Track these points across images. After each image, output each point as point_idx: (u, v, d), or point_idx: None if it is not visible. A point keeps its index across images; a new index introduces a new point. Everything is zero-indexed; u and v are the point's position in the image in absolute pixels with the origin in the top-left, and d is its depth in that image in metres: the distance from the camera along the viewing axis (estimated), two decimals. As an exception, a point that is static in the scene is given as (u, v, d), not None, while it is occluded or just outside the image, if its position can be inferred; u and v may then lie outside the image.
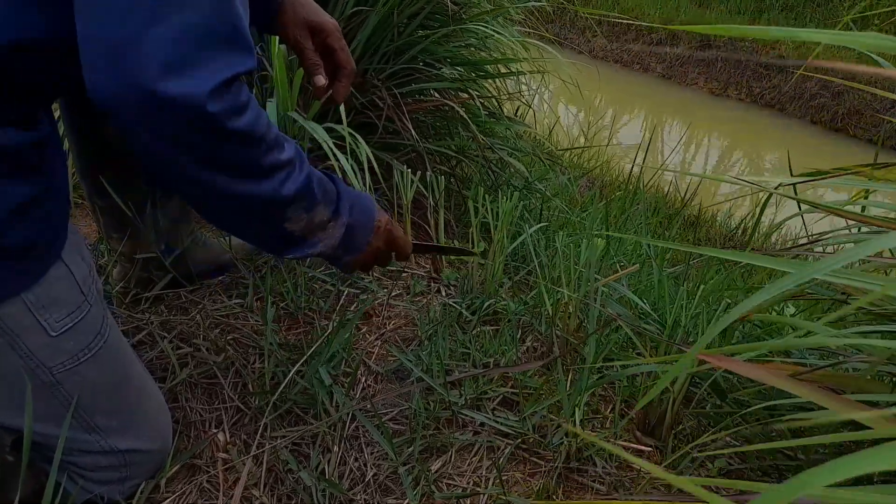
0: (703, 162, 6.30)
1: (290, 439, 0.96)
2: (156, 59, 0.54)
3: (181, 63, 0.55)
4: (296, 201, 0.69)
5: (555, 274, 1.27)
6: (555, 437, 0.97)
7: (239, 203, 0.66)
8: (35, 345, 0.72)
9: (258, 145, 0.63)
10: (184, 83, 0.55)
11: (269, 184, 0.65)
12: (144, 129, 0.58)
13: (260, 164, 0.63)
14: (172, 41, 0.55)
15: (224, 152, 0.61)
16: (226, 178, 0.63)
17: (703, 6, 7.69)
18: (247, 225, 0.71)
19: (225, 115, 0.58)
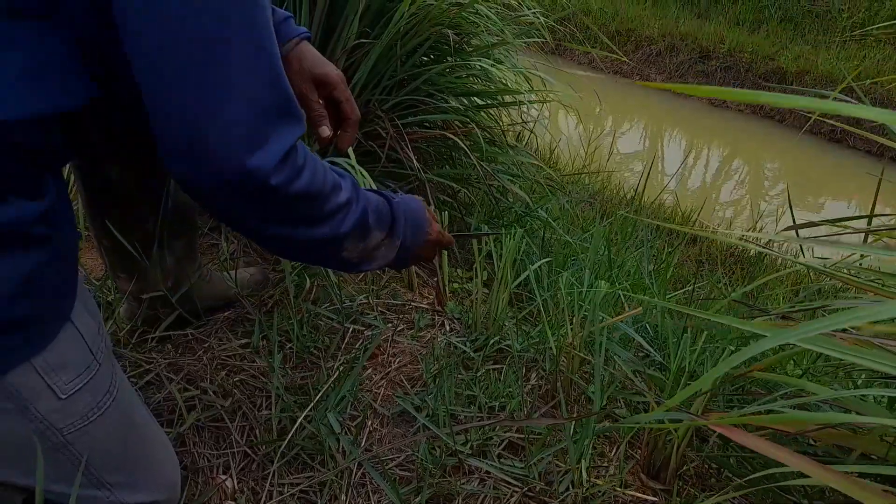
0: (703, 172, 6.31)
1: (299, 487, 0.97)
2: (233, 138, 0.59)
3: (252, 139, 0.60)
4: (351, 235, 0.76)
5: (559, 311, 1.28)
6: (561, 484, 0.98)
7: (305, 245, 0.73)
8: (45, 409, 0.73)
9: (317, 199, 0.69)
10: (254, 160, 0.60)
11: (328, 226, 0.72)
12: (219, 199, 0.64)
13: (320, 213, 0.70)
14: (244, 118, 0.60)
15: (287, 211, 0.67)
16: (289, 228, 0.69)
17: (702, 18, 7.71)
18: (309, 257, 0.82)
19: (286, 184, 0.64)
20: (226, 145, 0.59)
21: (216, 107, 0.59)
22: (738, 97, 0.46)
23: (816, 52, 6.74)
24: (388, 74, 1.77)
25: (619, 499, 0.99)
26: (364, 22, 1.70)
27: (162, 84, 0.60)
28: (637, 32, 7.64)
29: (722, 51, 7.05)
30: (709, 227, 4.02)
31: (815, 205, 5.78)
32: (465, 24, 1.79)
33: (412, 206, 0.90)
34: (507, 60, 1.89)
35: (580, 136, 4.76)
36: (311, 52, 0.97)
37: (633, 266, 2.00)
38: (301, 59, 0.95)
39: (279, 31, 0.94)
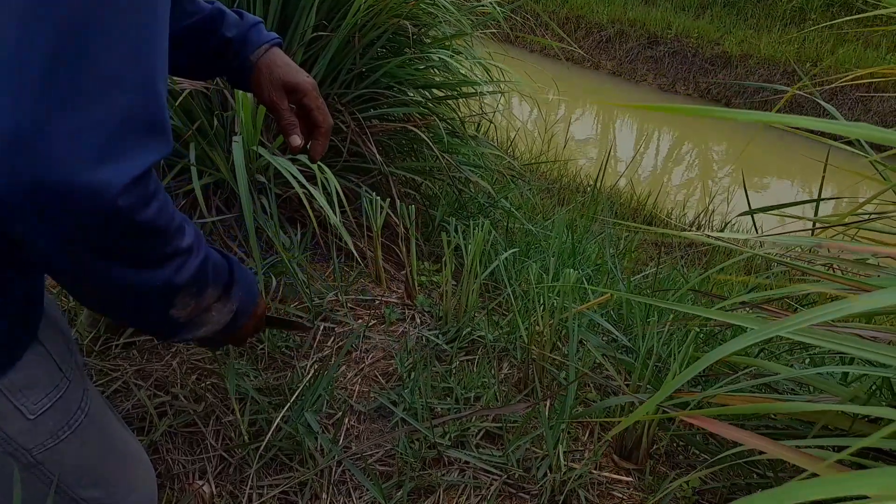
0: (655, 156, 6.46)
1: (279, 488, 0.96)
2: (70, 149, 0.49)
3: (106, 149, 0.51)
4: (186, 287, 0.66)
5: (528, 300, 1.30)
6: (539, 470, 1.00)
7: (130, 292, 0.62)
8: (13, 430, 0.71)
9: (161, 235, 0.59)
10: (104, 172, 0.50)
11: (164, 273, 0.61)
12: (41, 223, 0.52)
13: (158, 253, 0.60)
14: (92, 129, 0.50)
15: (125, 243, 0.57)
16: (120, 267, 0.58)
17: (649, 4, 7.85)
18: (131, 311, 0.67)
19: (134, 209, 0.54)
20: (72, 150, 0.49)
21: (54, 112, 0.49)
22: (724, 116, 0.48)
23: (759, 35, 6.96)
24: (347, 67, 1.75)
25: (595, 480, 1.02)
26: (320, 14, 1.68)
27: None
28: (587, 19, 7.73)
29: (669, 36, 7.21)
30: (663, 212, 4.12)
31: (761, 184, 5.99)
32: (423, 15, 1.79)
33: (246, 271, 0.79)
34: (466, 51, 1.90)
35: (535, 123, 4.81)
36: (282, 59, 0.94)
37: (594, 251, 2.04)
38: (271, 66, 0.92)
39: (249, 38, 0.91)
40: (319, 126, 0.93)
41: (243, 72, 0.90)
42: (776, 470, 1.01)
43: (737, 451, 0.82)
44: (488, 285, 1.63)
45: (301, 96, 0.91)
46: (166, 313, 0.66)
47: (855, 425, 0.84)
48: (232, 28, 0.89)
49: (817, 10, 7.11)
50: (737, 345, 0.56)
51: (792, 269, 0.85)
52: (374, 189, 1.70)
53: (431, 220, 1.87)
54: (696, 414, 0.61)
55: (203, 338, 0.75)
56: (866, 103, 5.83)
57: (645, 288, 1.69)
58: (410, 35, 1.72)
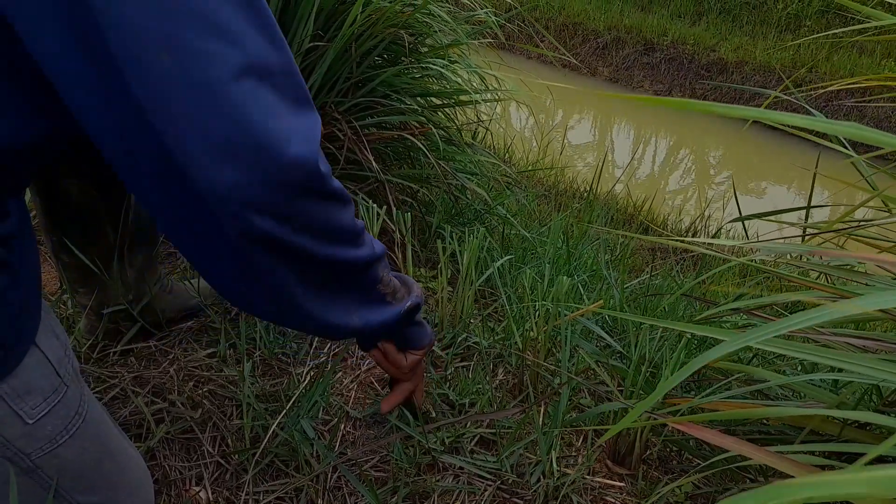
0: (652, 162, 6.49)
1: (275, 494, 0.97)
2: (274, 128, 0.52)
3: (290, 128, 0.53)
4: (384, 259, 0.71)
5: (522, 307, 1.31)
6: (532, 476, 1.01)
7: (346, 271, 0.65)
8: (12, 435, 0.72)
9: (349, 205, 0.63)
10: (297, 147, 0.53)
11: (366, 247, 0.66)
12: (268, 210, 0.54)
13: (354, 227, 0.64)
14: (275, 107, 0.53)
15: (333, 217, 0.60)
16: (342, 247, 0.62)
17: (645, 10, 7.90)
18: (349, 295, 0.69)
19: (328, 175, 0.57)
20: (266, 135, 0.51)
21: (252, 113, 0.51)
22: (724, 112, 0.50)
23: (754, 42, 7.00)
24: (344, 76, 1.77)
25: (589, 486, 1.03)
26: (318, 24, 1.69)
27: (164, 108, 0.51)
28: (583, 26, 7.77)
29: (665, 43, 7.25)
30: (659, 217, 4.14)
31: (757, 190, 6.02)
32: (419, 24, 1.80)
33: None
34: (462, 60, 1.91)
35: (532, 130, 4.83)
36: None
37: (590, 257, 2.06)
38: None
39: None
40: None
41: None
42: (766, 475, 1.02)
43: (728, 457, 0.83)
44: (484, 291, 1.64)
45: None
46: (374, 289, 0.71)
47: (844, 431, 0.85)
48: None
49: (812, 16, 7.15)
50: (713, 354, 0.58)
51: (779, 276, 0.87)
52: (370, 196, 1.71)
53: (428, 227, 1.88)
54: (683, 420, 0.62)
55: (411, 325, 0.83)
56: (861, 110, 5.87)
57: (640, 293, 1.70)
58: (407, 44, 1.74)
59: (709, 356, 0.58)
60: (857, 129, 0.61)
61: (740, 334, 0.54)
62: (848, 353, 0.63)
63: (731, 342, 0.56)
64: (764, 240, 0.81)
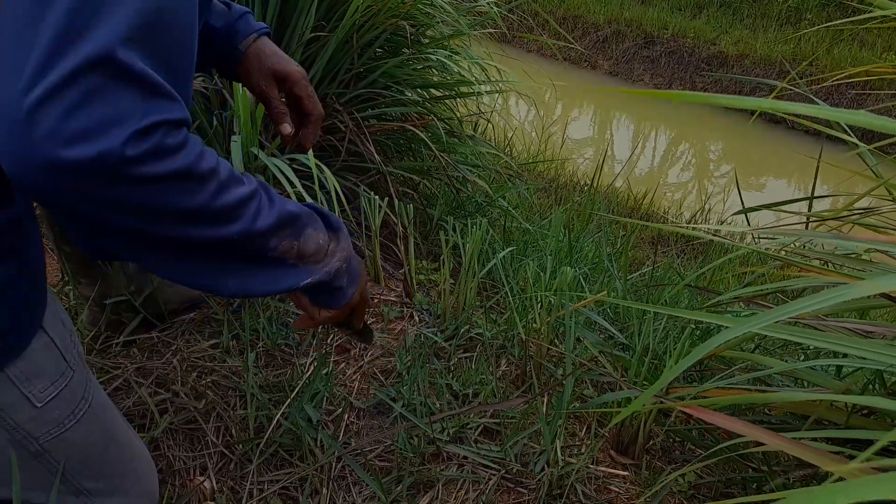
0: (652, 156, 6.48)
1: (279, 484, 0.97)
2: (52, 125, 0.48)
3: (90, 125, 0.49)
4: (277, 231, 0.64)
5: (525, 298, 1.31)
6: (536, 465, 1.01)
7: (218, 251, 0.61)
8: (21, 418, 0.72)
9: (208, 182, 0.57)
10: (95, 143, 0.49)
11: (239, 222, 0.60)
12: (80, 203, 0.51)
13: (216, 204, 0.58)
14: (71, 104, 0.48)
15: (165, 199, 0.54)
16: (193, 226, 0.58)
17: (646, 4, 7.87)
18: (232, 266, 0.64)
19: (149, 158, 0.52)
20: (41, 135, 0.47)
21: (31, 87, 0.47)
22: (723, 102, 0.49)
23: (755, 35, 6.98)
24: (345, 67, 1.76)
25: (592, 475, 1.03)
26: (319, 14, 1.69)
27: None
28: (584, 19, 7.75)
29: (666, 36, 7.23)
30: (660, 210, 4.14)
31: (758, 184, 6.01)
32: (420, 15, 1.80)
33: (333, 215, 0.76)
34: (463, 51, 1.91)
35: (532, 123, 4.83)
36: (270, 48, 0.95)
37: (591, 250, 2.06)
38: (260, 55, 0.93)
39: (237, 28, 0.92)
40: (310, 114, 0.94)
41: (232, 61, 0.91)
42: (770, 464, 1.02)
43: (731, 444, 0.83)
44: (486, 284, 1.64)
45: (291, 85, 0.92)
46: (268, 256, 0.64)
47: (851, 419, 0.85)
48: (220, 18, 0.90)
49: (813, 9, 7.14)
50: (717, 341, 0.57)
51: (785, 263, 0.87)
52: (372, 188, 1.71)
53: (429, 220, 1.88)
54: (692, 404, 0.62)
55: (333, 284, 0.72)
56: (862, 102, 5.86)
57: (641, 286, 1.70)
58: (408, 35, 1.73)
59: (714, 342, 0.58)
60: (866, 116, 0.61)
61: (744, 320, 0.54)
62: (852, 338, 0.63)
63: (735, 327, 0.55)
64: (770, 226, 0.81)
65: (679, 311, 0.69)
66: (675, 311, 0.67)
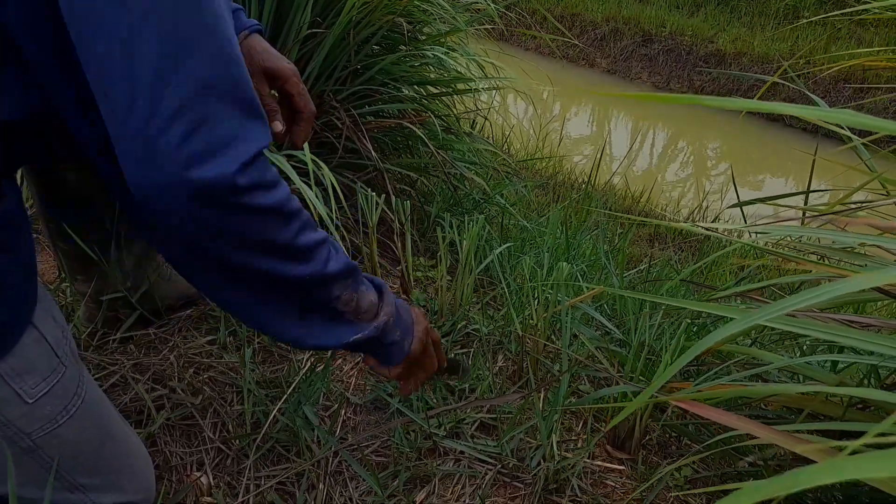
0: (650, 153, 6.48)
1: (276, 479, 0.97)
2: (183, 148, 0.53)
3: (206, 148, 0.54)
4: (342, 279, 0.67)
5: (522, 294, 1.31)
6: (533, 460, 1.01)
7: (288, 288, 0.63)
8: (12, 414, 0.72)
9: (295, 221, 0.61)
10: (211, 166, 0.53)
11: (315, 263, 0.64)
12: (187, 223, 0.55)
13: (298, 243, 0.62)
14: (195, 129, 0.53)
15: (260, 230, 0.58)
16: (268, 260, 0.60)
17: (643, 2, 7.87)
18: (292, 307, 0.67)
19: (254, 189, 0.56)
20: (173, 158, 0.52)
21: (165, 120, 0.52)
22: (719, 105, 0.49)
23: (752, 33, 6.99)
24: (342, 64, 1.76)
25: (588, 469, 1.03)
26: (315, 11, 1.68)
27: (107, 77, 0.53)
28: (582, 17, 7.75)
29: (664, 34, 7.23)
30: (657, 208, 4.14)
31: (756, 182, 6.02)
32: (417, 12, 1.80)
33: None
34: (460, 48, 1.91)
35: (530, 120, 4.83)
36: (261, 45, 0.95)
37: (588, 247, 2.06)
38: (251, 52, 0.92)
39: None
40: (301, 111, 0.93)
41: None
42: (765, 458, 1.02)
43: (726, 437, 0.84)
44: (483, 280, 1.64)
45: (282, 82, 0.92)
46: (330, 306, 0.67)
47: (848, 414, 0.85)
48: None
49: (810, 7, 7.14)
50: (721, 334, 0.57)
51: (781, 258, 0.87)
52: (369, 185, 1.71)
53: (427, 216, 1.88)
54: (687, 398, 0.62)
55: (384, 341, 0.74)
56: (859, 99, 5.86)
57: (638, 282, 1.70)
58: (405, 32, 1.73)
59: (718, 335, 0.58)
60: (849, 115, 0.61)
61: (749, 312, 0.54)
62: (848, 329, 0.63)
63: (740, 321, 0.55)
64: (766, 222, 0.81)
65: (682, 301, 0.69)
66: (679, 302, 0.68)
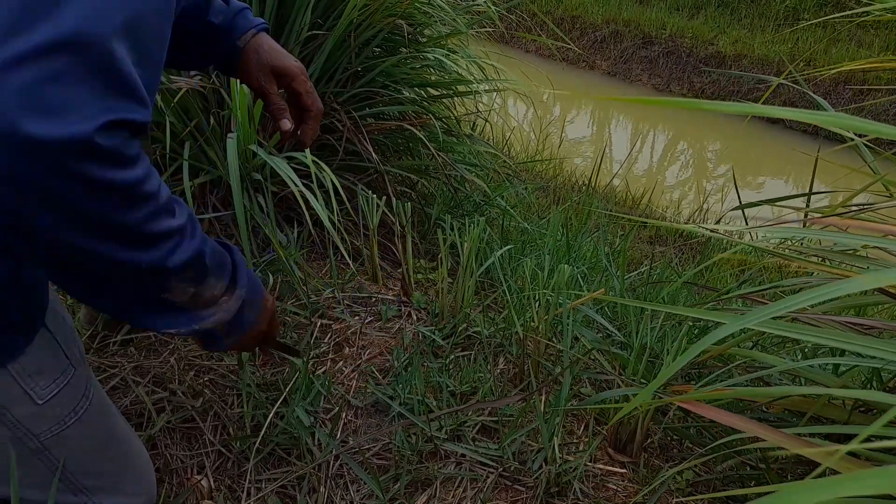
0: (651, 155, 6.48)
1: (277, 482, 0.97)
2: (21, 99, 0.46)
3: (48, 105, 0.47)
4: (182, 272, 0.61)
5: (523, 296, 1.31)
6: (534, 463, 1.01)
7: (118, 272, 0.57)
8: (22, 414, 0.72)
9: (145, 205, 0.55)
10: (62, 124, 0.47)
11: (155, 252, 0.57)
12: (14, 183, 0.48)
13: (146, 229, 0.56)
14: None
15: (106, 208, 0.52)
16: (108, 243, 0.54)
17: (644, 4, 7.88)
18: (121, 296, 0.61)
19: (110, 158, 0.50)
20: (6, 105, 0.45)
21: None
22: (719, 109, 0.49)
23: (753, 35, 6.99)
24: (343, 66, 1.76)
25: (590, 472, 1.03)
26: (316, 13, 1.69)
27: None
28: (582, 19, 7.75)
29: (664, 36, 7.23)
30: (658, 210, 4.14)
31: (756, 184, 6.02)
32: (418, 14, 1.80)
33: (242, 259, 0.74)
34: (461, 50, 1.91)
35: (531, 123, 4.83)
36: (268, 44, 0.94)
37: (589, 249, 2.06)
38: (258, 50, 0.92)
39: (235, 23, 0.92)
40: (309, 109, 0.93)
41: (231, 57, 0.90)
42: (767, 461, 1.02)
43: (728, 441, 0.83)
44: (484, 283, 1.64)
45: (290, 80, 0.91)
46: (158, 297, 0.61)
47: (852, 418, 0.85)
48: (218, 14, 0.90)
49: (810, 10, 7.14)
50: (712, 338, 0.57)
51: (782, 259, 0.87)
52: (370, 187, 1.71)
53: (427, 219, 1.88)
54: (690, 399, 0.62)
55: (208, 331, 0.70)
56: (860, 102, 5.87)
57: (639, 284, 1.70)
58: (406, 34, 1.73)
59: (710, 339, 0.58)
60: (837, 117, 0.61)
61: (740, 316, 0.54)
62: (850, 334, 0.63)
63: (731, 324, 0.56)
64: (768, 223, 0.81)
65: (676, 308, 0.69)
66: (672, 309, 0.68)
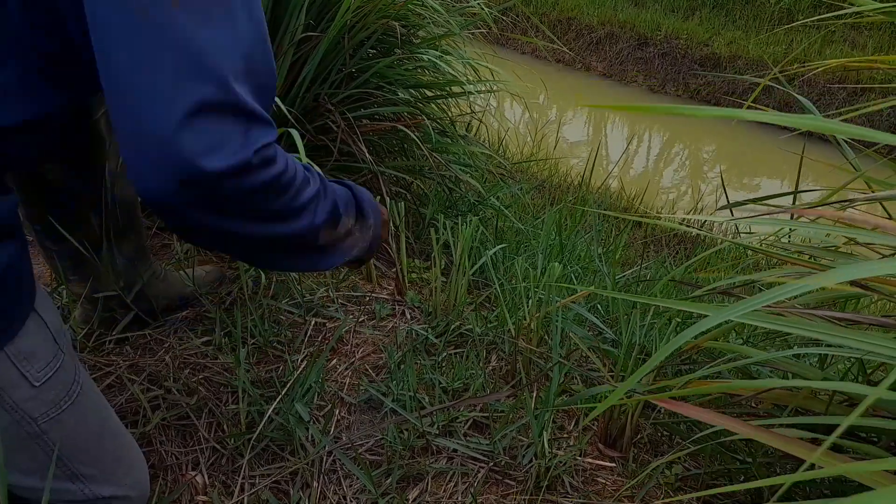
0: (646, 157, 6.51)
1: (271, 478, 0.98)
2: (193, 145, 0.57)
3: (218, 142, 0.58)
4: (325, 225, 0.76)
5: (515, 295, 1.32)
6: (524, 457, 1.02)
7: (282, 243, 0.72)
8: (20, 397, 0.73)
9: (291, 187, 0.68)
10: (222, 157, 0.59)
11: (306, 218, 0.72)
12: (196, 209, 0.61)
13: (294, 206, 0.70)
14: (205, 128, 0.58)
15: (264, 204, 0.66)
16: (269, 225, 0.68)
17: (639, 5, 7.91)
18: (288, 258, 0.77)
19: (260, 167, 0.62)
20: (183, 152, 0.56)
21: (177, 115, 0.56)
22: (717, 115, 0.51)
23: (747, 37, 7.03)
24: (337, 68, 1.78)
25: (580, 467, 1.04)
26: (310, 15, 1.70)
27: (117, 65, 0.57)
28: (577, 21, 7.78)
29: (659, 37, 7.26)
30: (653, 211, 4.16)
31: (751, 185, 6.05)
32: (411, 16, 1.81)
33: (362, 189, 0.92)
34: (455, 51, 1.92)
35: (526, 124, 4.84)
36: None
37: (583, 250, 2.07)
38: None
39: None
40: None
41: None
42: (755, 456, 1.04)
43: (713, 432, 0.85)
44: (477, 282, 1.65)
45: None
46: (315, 245, 0.77)
47: (831, 408, 0.86)
48: None
49: (805, 11, 7.18)
50: (695, 331, 0.59)
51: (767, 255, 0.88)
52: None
53: (422, 219, 1.89)
54: (663, 397, 0.64)
55: (356, 258, 0.88)
56: (852, 103, 5.90)
57: (631, 283, 1.72)
58: (399, 36, 1.74)
59: (692, 331, 0.59)
60: (814, 120, 0.62)
61: (722, 308, 0.55)
62: (829, 325, 0.64)
63: (713, 316, 0.57)
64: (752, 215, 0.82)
65: (662, 300, 0.71)
66: (658, 301, 0.69)
